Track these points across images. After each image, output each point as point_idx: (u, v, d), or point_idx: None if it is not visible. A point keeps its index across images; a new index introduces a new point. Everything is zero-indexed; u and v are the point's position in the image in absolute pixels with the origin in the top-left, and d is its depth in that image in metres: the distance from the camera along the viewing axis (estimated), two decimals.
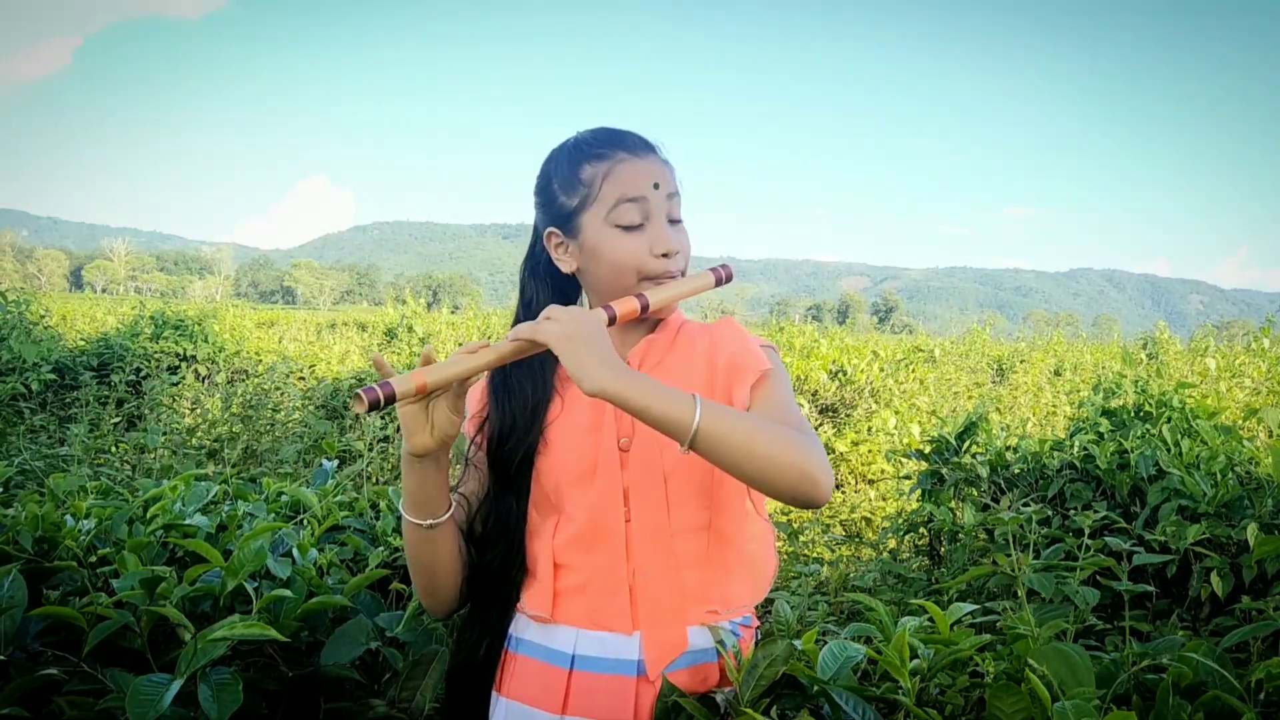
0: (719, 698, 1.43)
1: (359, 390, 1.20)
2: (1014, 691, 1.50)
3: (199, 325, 9.86)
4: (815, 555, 5.05)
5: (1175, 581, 3.11)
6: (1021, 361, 13.05)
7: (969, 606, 1.84)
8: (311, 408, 6.54)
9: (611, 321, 1.37)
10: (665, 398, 1.23)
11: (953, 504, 4.21)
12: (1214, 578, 2.84)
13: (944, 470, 4.21)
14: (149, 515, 1.88)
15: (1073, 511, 3.42)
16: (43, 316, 9.46)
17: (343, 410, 6.81)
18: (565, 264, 1.50)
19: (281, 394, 6.66)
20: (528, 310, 1.55)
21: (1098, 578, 2.59)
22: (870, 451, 6.99)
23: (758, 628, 1.57)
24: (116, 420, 6.56)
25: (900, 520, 4.55)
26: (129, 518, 1.88)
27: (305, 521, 1.99)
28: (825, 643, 1.56)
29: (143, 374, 8.06)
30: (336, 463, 2.36)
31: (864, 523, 5.65)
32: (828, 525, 5.66)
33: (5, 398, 5.56)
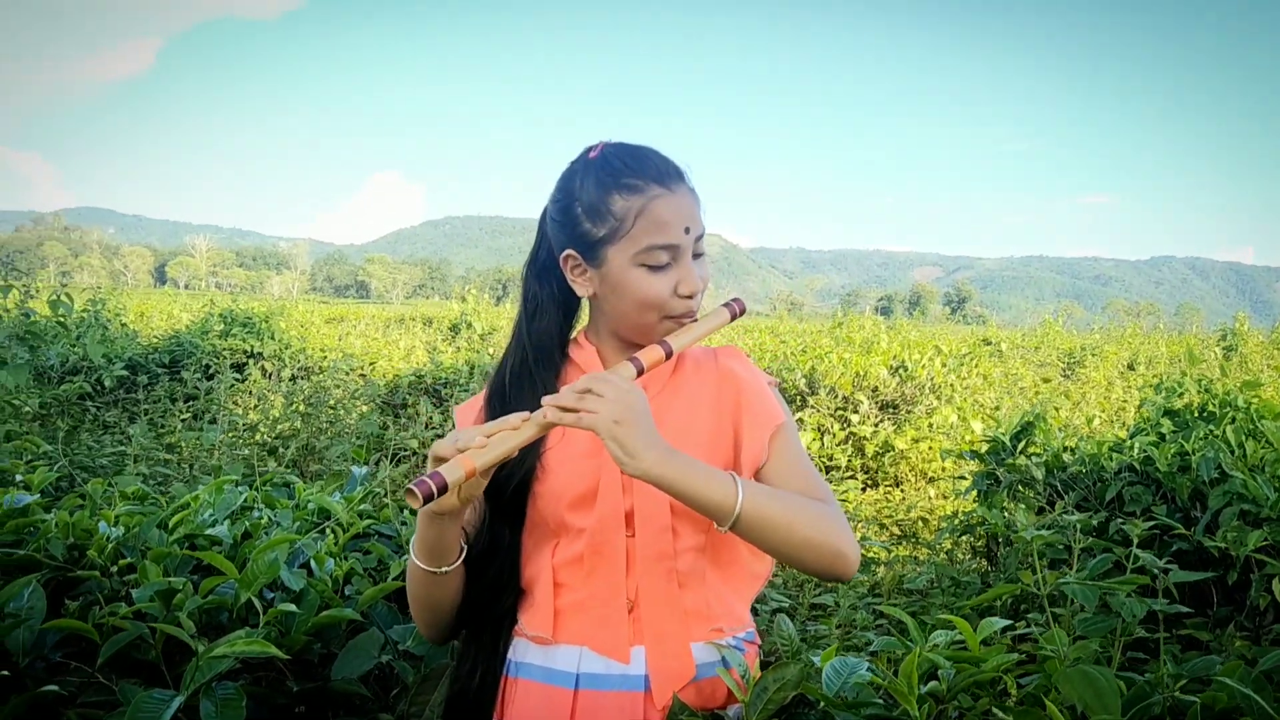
0: (731, 713, 1.41)
1: (411, 485, 1.19)
2: (1034, 717, 1.45)
3: (266, 322, 10.05)
4: (871, 555, 4.97)
5: (1237, 589, 3.00)
6: (1093, 354, 12.69)
7: (1001, 622, 1.77)
8: (369, 406, 6.62)
9: (639, 374, 1.35)
10: (709, 482, 1.24)
11: (1009, 506, 4.11)
12: (1276, 585, 2.72)
13: (999, 471, 4.10)
14: (172, 524, 1.90)
15: (1130, 516, 3.32)
16: (118, 315, 9.72)
17: (399, 408, 6.90)
18: (581, 288, 1.45)
19: (341, 391, 6.74)
20: (531, 320, 1.50)
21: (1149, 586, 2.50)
22: (931, 449, 6.87)
23: (760, 645, 1.55)
24: (185, 417, 6.71)
25: (956, 521, 4.46)
26: (156, 525, 1.90)
27: (329, 530, 2.00)
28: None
29: (211, 371, 8.23)
30: (366, 469, 2.37)
31: (920, 523, 5.55)
32: (884, 525, 5.57)
33: (74, 396, 5.73)
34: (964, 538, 4.58)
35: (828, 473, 6.74)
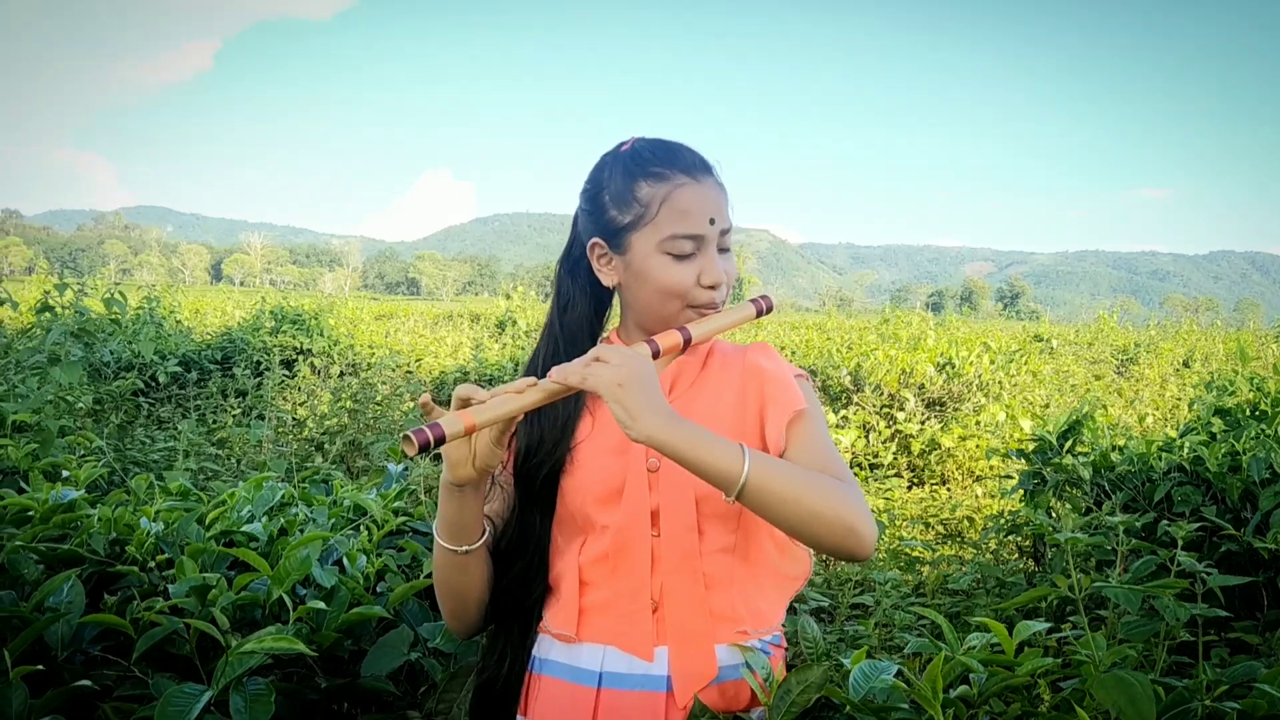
0: (754, 715, 1.40)
1: (408, 432, 1.20)
2: None
3: (315, 319, 10.18)
4: (915, 555, 4.92)
5: None
6: (1148, 351, 12.43)
7: (1038, 625, 1.75)
8: (414, 402, 6.69)
9: (655, 356, 1.35)
10: (714, 449, 1.22)
11: (1056, 506, 4.04)
12: None
13: (1045, 471, 4.04)
14: (209, 521, 1.93)
15: (1179, 517, 3.25)
16: (171, 312, 9.90)
17: (445, 405, 6.93)
18: (607, 276, 1.47)
19: (388, 387, 6.81)
20: (563, 314, 1.53)
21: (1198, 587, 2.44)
22: (978, 447, 6.78)
23: (786, 647, 1.54)
24: (236, 414, 6.81)
25: (1002, 521, 4.39)
26: (195, 521, 1.94)
27: (364, 527, 2.02)
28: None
29: (262, 367, 8.35)
30: (402, 467, 2.39)
31: (966, 522, 5.48)
32: (928, 524, 5.50)
33: (127, 392, 5.85)
34: (1010, 538, 4.51)
35: (872, 470, 6.69)
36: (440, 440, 1.20)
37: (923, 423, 7.28)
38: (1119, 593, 2.26)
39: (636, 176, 1.40)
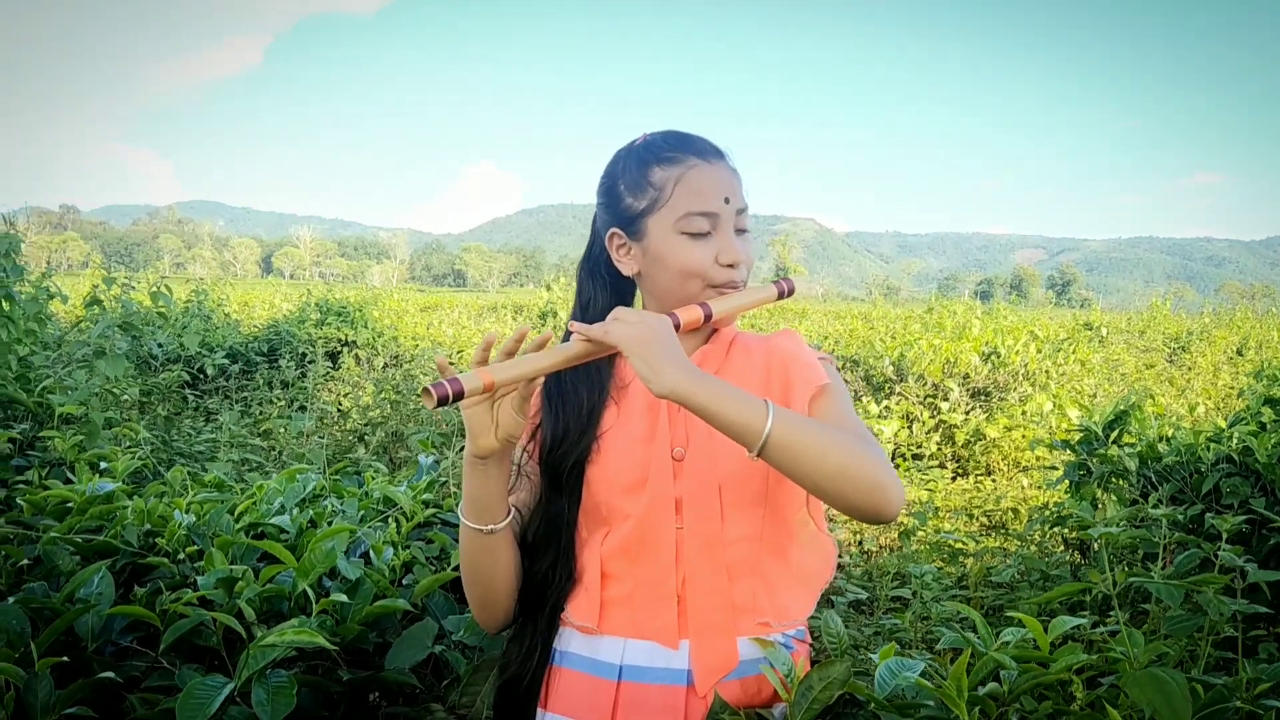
0: (776, 712, 1.38)
1: (428, 385, 1.20)
2: None
3: (360, 311, 10.28)
4: (959, 547, 4.86)
5: None
6: (1201, 339, 12.16)
7: (1074, 620, 1.71)
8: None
9: (676, 328, 1.34)
10: (737, 401, 1.20)
11: (1101, 497, 3.96)
12: None
13: (1090, 462, 3.96)
14: (238, 513, 1.95)
15: (1227, 510, 3.17)
16: (219, 305, 10.04)
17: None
18: (626, 266, 1.47)
19: (429, 379, 6.86)
20: (584, 312, 1.53)
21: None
22: (1024, 437, 6.68)
23: (811, 643, 1.51)
24: (281, 405, 6.90)
25: (1047, 512, 4.32)
26: (227, 513, 1.95)
27: (393, 519, 2.02)
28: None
29: (308, 359, 8.45)
30: (433, 459, 2.39)
31: (1010, 514, 5.40)
32: (972, 515, 5.43)
33: (173, 385, 5.95)
34: (1055, 530, 4.44)
35: (915, 460, 6.61)
36: (459, 395, 1.20)
37: (967, 413, 7.18)
38: (1160, 587, 2.21)
39: (650, 163, 1.42)
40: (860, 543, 5.08)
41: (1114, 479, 3.90)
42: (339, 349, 9.54)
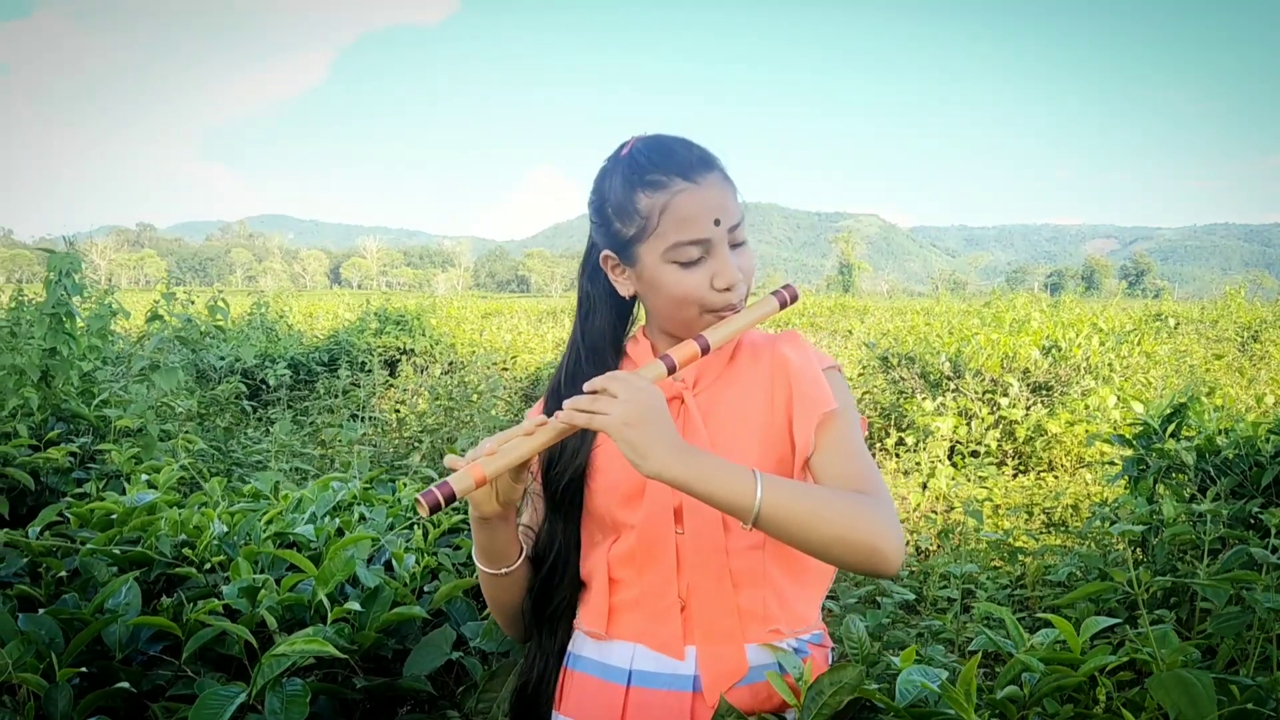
0: (790, 717, 1.37)
1: (419, 495, 1.23)
2: None
3: (418, 319, 10.41)
4: (1018, 545, 4.76)
5: None
6: (1274, 327, 11.77)
7: (1106, 621, 1.66)
8: (507, 398, 6.77)
9: (671, 371, 1.33)
10: (726, 480, 1.20)
11: (1161, 492, 3.86)
12: None
13: (1148, 457, 3.85)
14: (264, 522, 1.98)
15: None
16: (282, 316, 10.24)
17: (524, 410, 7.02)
18: (623, 287, 1.46)
19: (484, 385, 6.92)
20: (585, 322, 1.52)
21: None
22: (1087, 432, 6.52)
23: (832, 647, 1.49)
24: (341, 413, 7.00)
25: (1106, 509, 4.21)
26: (257, 522, 1.99)
27: (420, 526, 2.04)
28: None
29: (366, 368, 8.57)
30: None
31: (1070, 511, 5.28)
32: (1031, 512, 5.32)
33: (231, 396, 6.08)
34: (1114, 526, 4.33)
35: (973, 458, 6.49)
36: (450, 499, 1.23)
37: (1028, 408, 7.04)
38: (1204, 585, 2.14)
39: (635, 186, 1.36)
40: (916, 545, 5.00)
41: (1172, 474, 3.79)
42: (397, 357, 9.67)
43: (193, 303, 5.48)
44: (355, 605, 1.55)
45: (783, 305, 1.43)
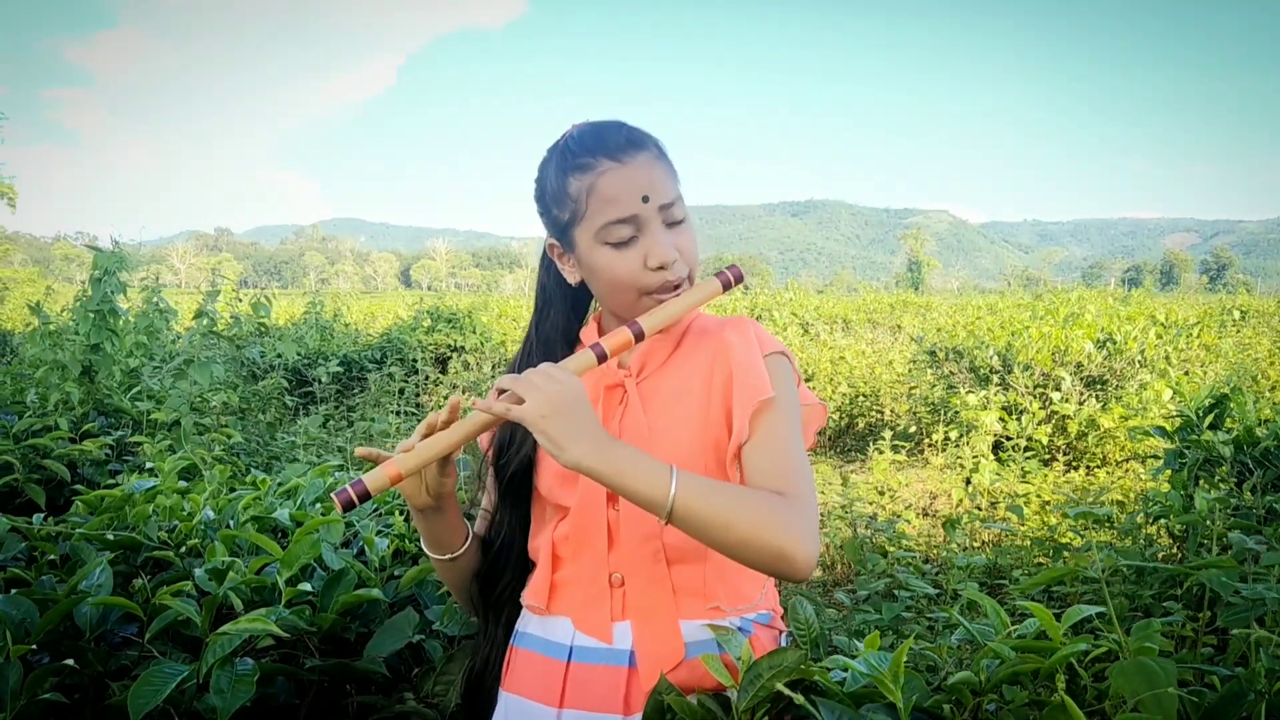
0: (734, 695, 1.34)
1: (333, 494, 1.25)
2: (1058, 715, 1.30)
3: (469, 318, 10.51)
4: (1065, 541, 4.65)
5: None
6: None
7: (1089, 610, 1.61)
8: None
9: (602, 359, 1.32)
10: (642, 475, 1.18)
11: (1203, 484, 3.74)
12: None
13: (1187, 449, 3.74)
14: (242, 508, 2.00)
15: None
16: (336, 316, 10.41)
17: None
18: (570, 275, 1.46)
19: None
20: (540, 313, 1.53)
21: None
22: (1132, 427, 6.34)
23: (785, 631, 1.46)
24: (393, 409, 7.09)
25: (1150, 504, 4.09)
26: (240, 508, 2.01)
27: (401, 511, 2.05)
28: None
29: (415, 365, 8.68)
30: (468, 457, 2.41)
31: (1117, 506, 5.13)
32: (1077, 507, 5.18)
33: (274, 392, 6.20)
34: (1160, 521, 4.20)
35: (1025, 453, 6.34)
36: (364, 496, 1.24)
37: (1081, 403, 6.86)
38: (1210, 576, 2.08)
39: (567, 172, 1.36)
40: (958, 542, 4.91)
41: (1216, 465, 3.67)
42: (449, 355, 9.76)
43: (240, 300, 5.59)
44: (307, 586, 1.56)
45: (726, 287, 1.40)
